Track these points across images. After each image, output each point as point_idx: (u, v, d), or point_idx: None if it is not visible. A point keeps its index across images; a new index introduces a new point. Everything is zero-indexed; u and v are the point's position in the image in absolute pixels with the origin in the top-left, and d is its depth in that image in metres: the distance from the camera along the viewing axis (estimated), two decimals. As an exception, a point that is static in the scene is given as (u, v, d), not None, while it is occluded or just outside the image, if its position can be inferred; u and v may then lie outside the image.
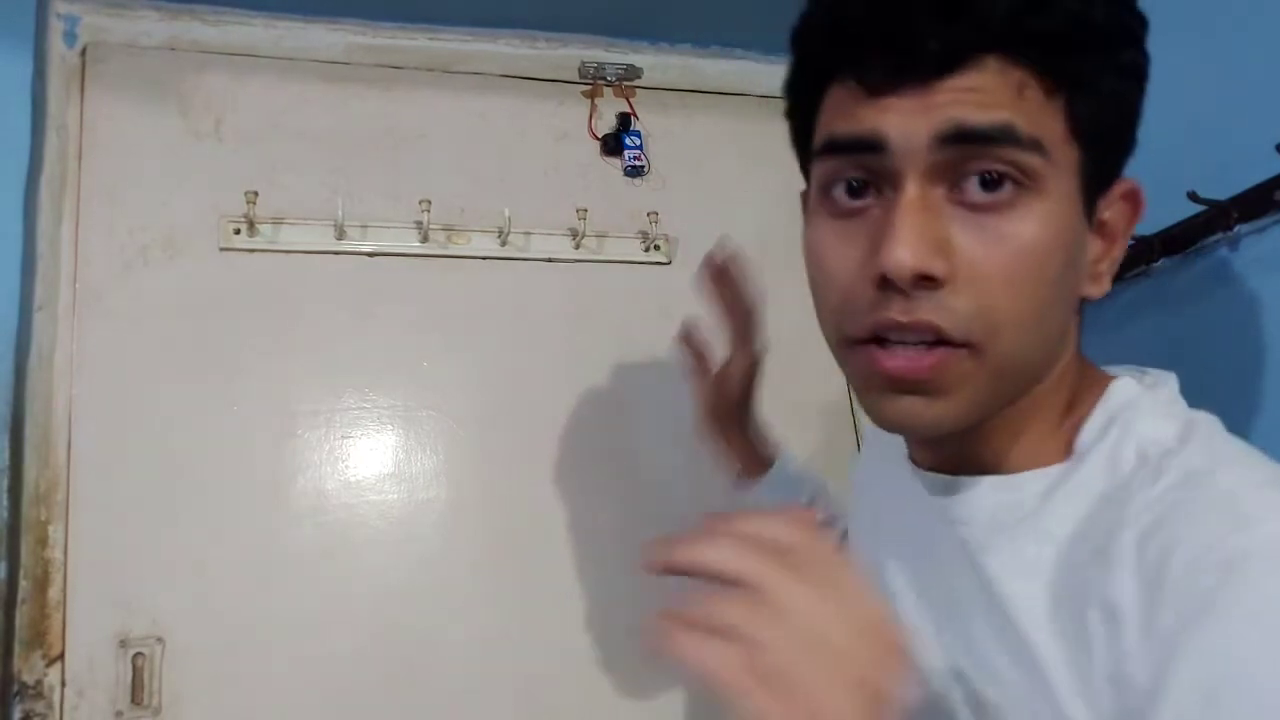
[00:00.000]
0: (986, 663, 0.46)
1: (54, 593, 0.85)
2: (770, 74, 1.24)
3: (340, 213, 0.98)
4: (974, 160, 0.42)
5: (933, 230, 0.42)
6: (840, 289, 0.46)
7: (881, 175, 0.44)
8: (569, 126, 1.14)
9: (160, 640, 0.86)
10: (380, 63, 1.08)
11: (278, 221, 0.99)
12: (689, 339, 0.90)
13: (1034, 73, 0.42)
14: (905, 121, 0.42)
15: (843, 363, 0.49)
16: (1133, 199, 0.46)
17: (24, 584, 0.84)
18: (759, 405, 0.90)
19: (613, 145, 1.14)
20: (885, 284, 0.43)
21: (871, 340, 0.44)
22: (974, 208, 0.42)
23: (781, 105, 0.51)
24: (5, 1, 0.91)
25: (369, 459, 0.96)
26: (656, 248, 1.12)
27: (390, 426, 0.98)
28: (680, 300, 1.12)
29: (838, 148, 0.45)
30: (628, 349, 1.08)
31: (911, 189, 0.43)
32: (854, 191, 0.45)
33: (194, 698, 0.85)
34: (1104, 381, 0.48)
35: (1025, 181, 0.42)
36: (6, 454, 0.83)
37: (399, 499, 0.96)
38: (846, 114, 0.45)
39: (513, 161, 1.10)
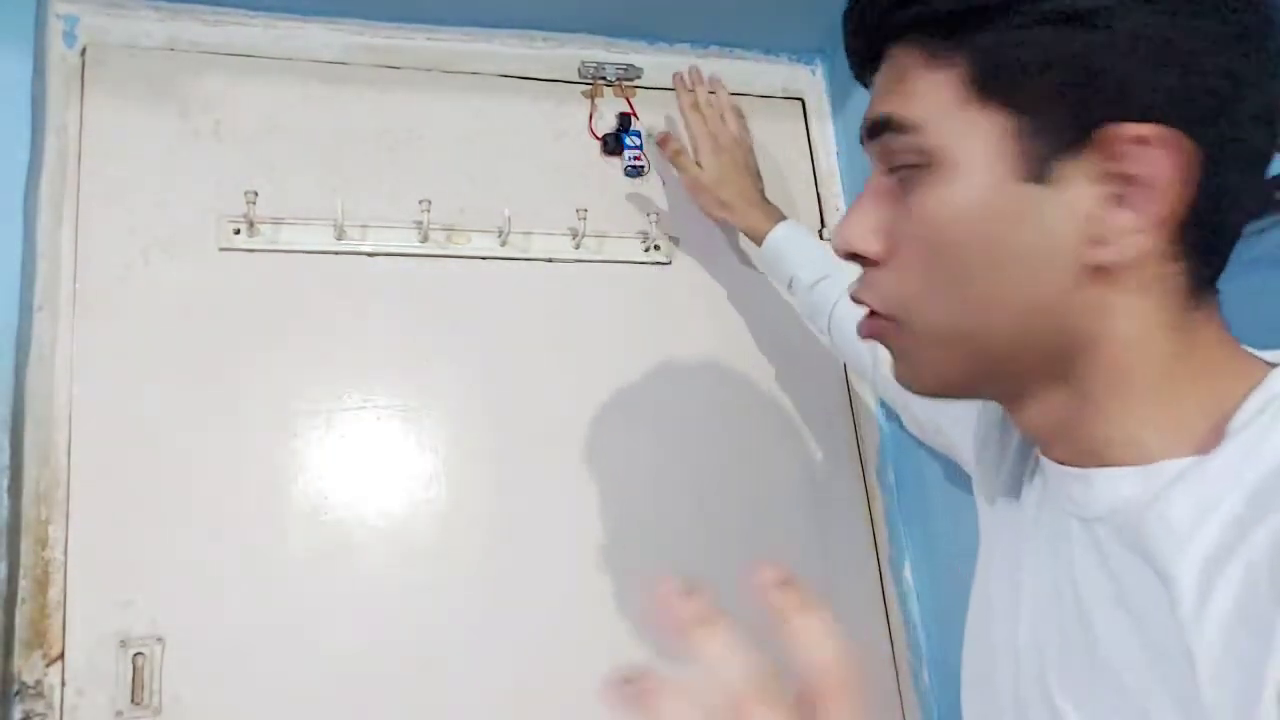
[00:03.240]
0: (1112, 664, 0.42)
1: (54, 593, 0.85)
2: (770, 74, 1.24)
3: (340, 213, 0.98)
4: (885, 151, 0.46)
5: (872, 213, 0.47)
6: None
7: None
8: (569, 126, 1.14)
9: (160, 640, 0.86)
10: (380, 63, 1.08)
11: (278, 221, 0.99)
12: (663, 140, 1.08)
13: (924, 52, 0.44)
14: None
15: None
16: (1159, 143, 0.40)
17: (24, 584, 0.84)
18: (757, 187, 1.06)
19: (613, 145, 1.14)
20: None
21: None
22: (904, 188, 0.46)
23: (782, 104, 0.53)
24: (5, 1, 0.91)
25: (369, 459, 0.96)
26: (656, 248, 1.12)
27: (390, 426, 0.98)
28: (680, 300, 1.13)
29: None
30: (628, 349, 1.08)
31: (872, 175, 0.48)
32: None
33: (194, 698, 0.85)
34: (1257, 367, 0.44)
35: (920, 161, 0.44)
36: (6, 454, 0.83)
37: (399, 499, 0.96)
38: None
39: (512, 161, 1.10)
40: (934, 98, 0.43)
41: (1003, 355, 0.46)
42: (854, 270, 0.50)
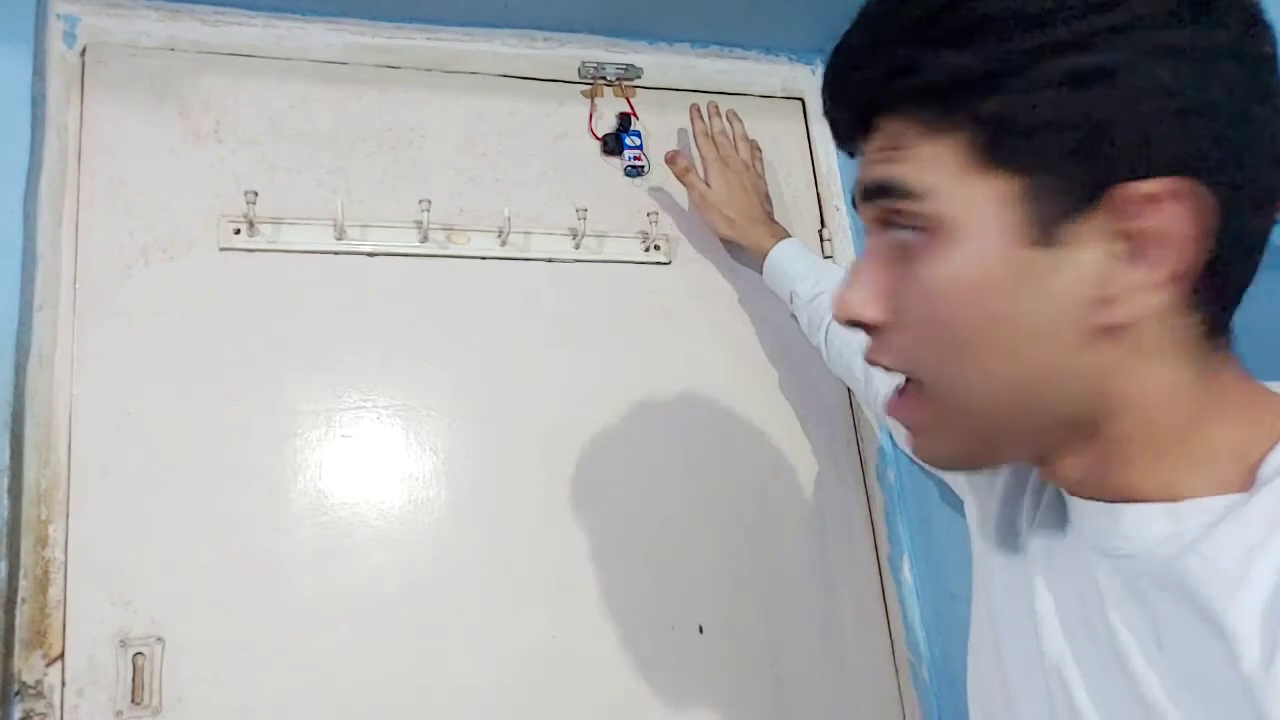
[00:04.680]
0: (1158, 708, 0.41)
1: (54, 593, 0.85)
2: (770, 74, 1.24)
3: (340, 213, 0.98)
4: (886, 214, 0.45)
5: (873, 279, 0.46)
6: None
7: None
8: (569, 126, 1.14)
9: (160, 640, 0.86)
10: (380, 63, 1.08)
11: (278, 221, 0.99)
12: (672, 157, 1.11)
13: (921, 121, 0.43)
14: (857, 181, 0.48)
15: None
16: (1176, 197, 0.39)
17: (24, 584, 0.84)
18: (765, 227, 1.08)
19: (613, 145, 1.14)
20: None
21: None
22: (906, 254, 0.45)
23: (782, 104, 0.53)
24: (5, 2, 0.91)
25: (369, 459, 0.96)
26: (656, 248, 1.12)
27: (390, 426, 0.98)
28: (680, 300, 1.13)
29: None
30: (628, 349, 1.08)
31: (870, 238, 0.47)
32: None
33: (194, 698, 0.85)
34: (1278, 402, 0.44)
35: (927, 227, 0.43)
36: (6, 454, 0.83)
37: (399, 499, 0.96)
38: None
39: (512, 161, 1.10)
40: (935, 165, 0.42)
41: (1018, 424, 0.45)
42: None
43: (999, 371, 0.43)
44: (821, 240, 1.21)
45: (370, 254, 1.02)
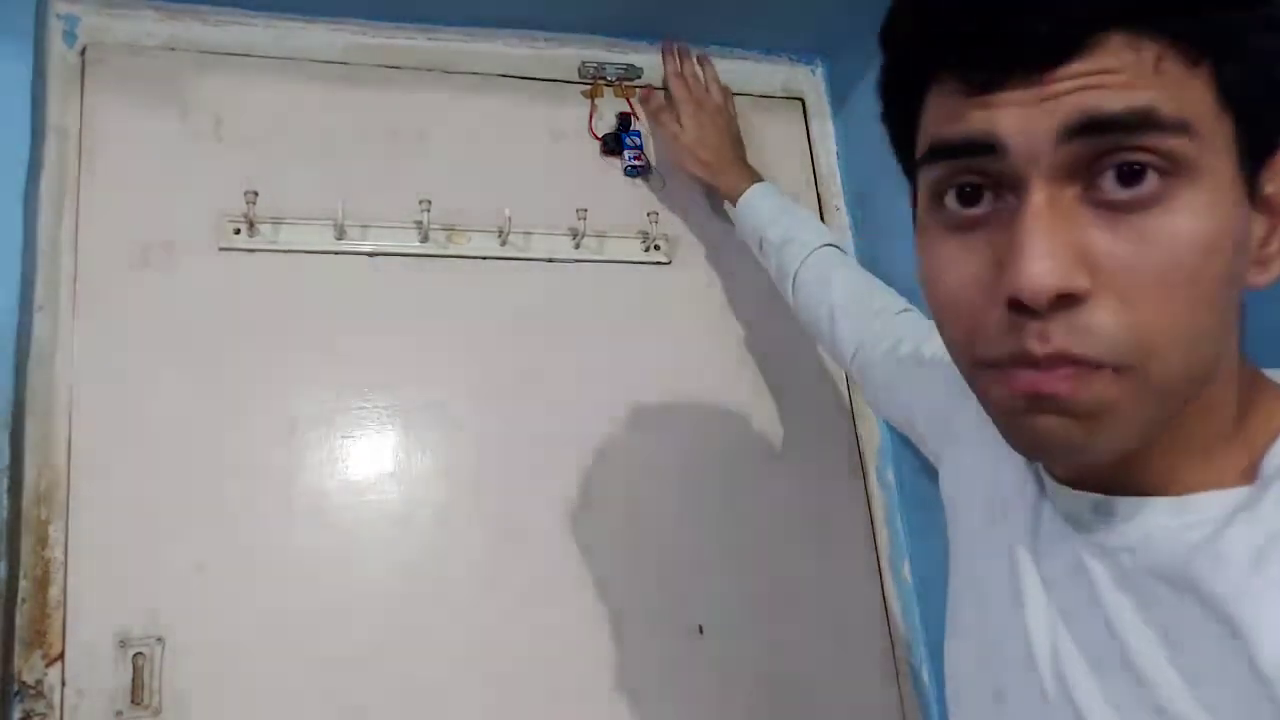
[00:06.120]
0: (1170, 703, 0.40)
1: (54, 593, 0.85)
2: (770, 73, 1.24)
3: (340, 213, 0.98)
4: (1110, 154, 0.36)
5: (1069, 239, 0.37)
6: (966, 313, 0.41)
7: (1001, 179, 0.39)
8: (569, 126, 1.14)
9: (160, 640, 0.86)
10: (380, 63, 1.08)
11: (278, 221, 0.99)
12: (646, 96, 1.13)
13: (1169, 42, 0.36)
14: (1024, 117, 0.37)
15: (972, 384, 0.43)
16: None
17: (24, 584, 0.84)
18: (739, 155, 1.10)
19: (613, 145, 1.14)
20: (1018, 306, 0.37)
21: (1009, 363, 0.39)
22: (1115, 207, 0.37)
23: (782, 104, 0.50)
24: (5, 2, 0.91)
25: (369, 459, 0.96)
26: (656, 248, 1.12)
27: (390, 426, 0.98)
28: (680, 300, 1.13)
29: (946, 152, 0.40)
30: (628, 349, 1.08)
31: (1038, 194, 0.37)
32: (969, 198, 0.40)
33: (194, 698, 0.85)
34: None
35: (1172, 170, 0.36)
36: (6, 454, 0.83)
37: (399, 499, 0.96)
38: (953, 114, 0.39)
39: (513, 161, 1.10)
40: (1197, 98, 0.36)
41: (1195, 395, 0.40)
42: (820, 231, 0.43)
43: (1219, 338, 0.39)
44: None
45: (370, 254, 1.02)
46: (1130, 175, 0.36)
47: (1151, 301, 0.36)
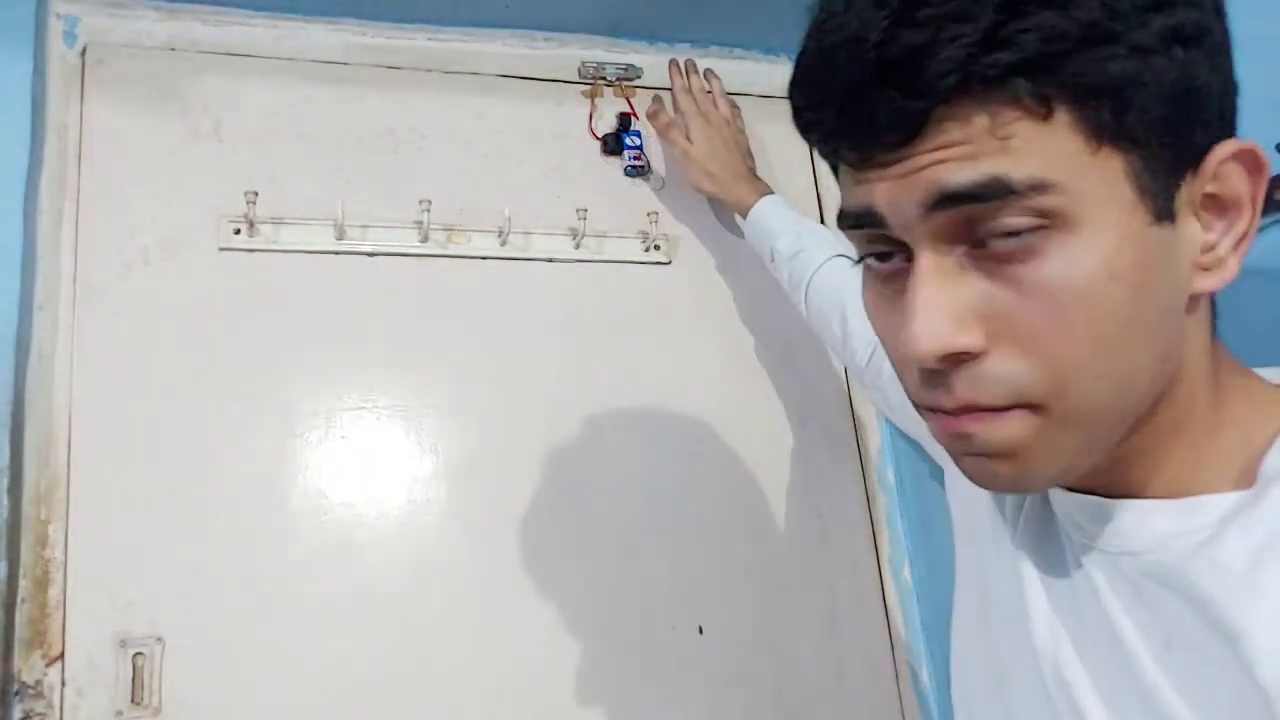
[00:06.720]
0: (1164, 702, 0.40)
1: (54, 593, 0.85)
2: (770, 74, 1.24)
3: (340, 213, 0.98)
4: (980, 220, 0.37)
5: (956, 298, 0.38)
6: (897, 360, 0.43)
7: (898, 242, 0.41)
8: (569, 126, 1.14)
9: (160, 640, 0.86)
10: (380, 63, 1.08)
11: (278, 221, 0.99)
12: (654, 112, 1.13)
13: (1013, 103, 0.36)
14: (891, 193, 0.39)
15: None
16: (1245, 159, 0.39)
17: (24, 584, 0.84)
18: (749, 170, 1.11)
19: (613, 145, 1.14)
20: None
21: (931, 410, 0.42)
22: (1000, 259, 0.38)
23: (781, 104, 0.50)
24: (5, 2, 0.91)
25: (369, 459, 0.96)
26: (656, 248, 1.12)
27: (390, 426, 0.98)
28: (680, 300, 1.13)
29: (849, 221, 0.43)
30: (628, 349, 1.08)
31: (924, 259, 0.39)
32: (883, 256, 0.42)
33: (194, 698, 0.85)
34: (1275, 394, 0.43)
35: (1046, 223, 0.37)
36: (6, 454, 0.83)
37: (399, 499, 0.96)
38: (846, 189, 0.42)
39: (512, 161, 1.10)
40: (1045, 151, 0.36)
41: (1128, 420, 0.41)
42: (830, 241, 0.45)
43: (1142, 361, 0.39)
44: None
45: (370, 254, 1.02)
46: (994, 240, 0.38)
47: (1049, 345, 0.38)
